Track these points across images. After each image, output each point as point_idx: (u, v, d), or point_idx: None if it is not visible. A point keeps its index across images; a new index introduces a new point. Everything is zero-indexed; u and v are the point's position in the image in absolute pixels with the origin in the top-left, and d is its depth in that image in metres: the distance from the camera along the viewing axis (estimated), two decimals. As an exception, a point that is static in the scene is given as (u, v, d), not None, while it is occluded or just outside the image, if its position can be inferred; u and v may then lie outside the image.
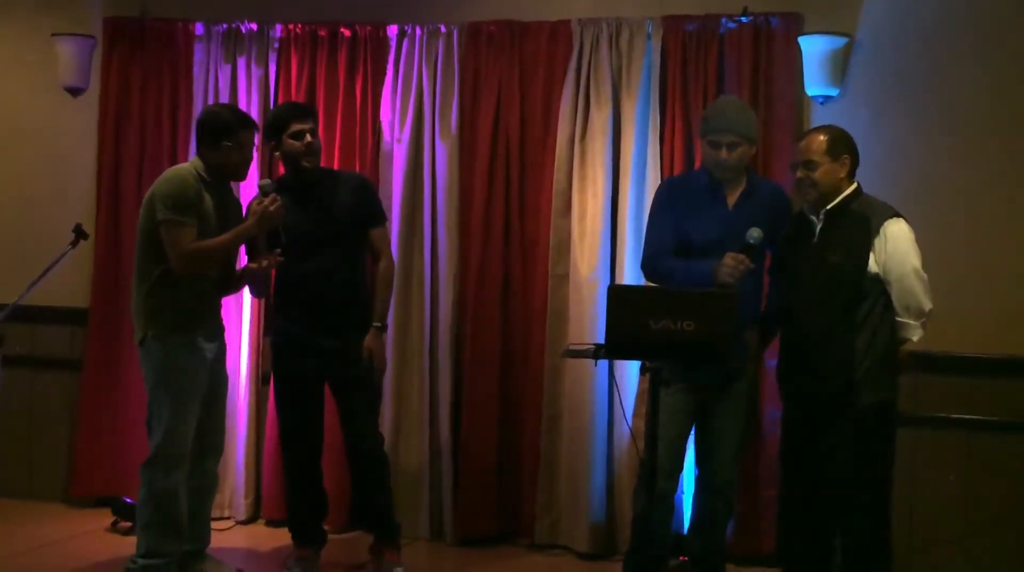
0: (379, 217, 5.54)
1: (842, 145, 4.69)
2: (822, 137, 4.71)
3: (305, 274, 5.32)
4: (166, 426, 5.03)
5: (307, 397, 5.45)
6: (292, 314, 5.39)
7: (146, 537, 5.06)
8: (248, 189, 5.96)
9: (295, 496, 5.55)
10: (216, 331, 5.28)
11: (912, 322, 4.59)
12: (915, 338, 4.62)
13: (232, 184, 5.40)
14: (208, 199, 5.07)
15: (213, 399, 5.24)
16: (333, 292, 5.33)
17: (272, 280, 5.46)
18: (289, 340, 5.40)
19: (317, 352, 5.34)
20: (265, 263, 5.13)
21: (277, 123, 5.35)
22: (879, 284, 4.58)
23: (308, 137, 5.30)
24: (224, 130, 5.08)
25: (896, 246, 4.57)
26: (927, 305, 4.59)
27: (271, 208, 5.06)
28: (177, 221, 4.98)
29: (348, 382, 5.40)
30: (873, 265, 4.57)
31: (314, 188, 5.38)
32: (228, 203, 5.25)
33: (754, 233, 4.66)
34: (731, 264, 4.66)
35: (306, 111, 5.43)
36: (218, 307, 5.32)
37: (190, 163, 5.18)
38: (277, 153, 5.42)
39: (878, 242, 4.57)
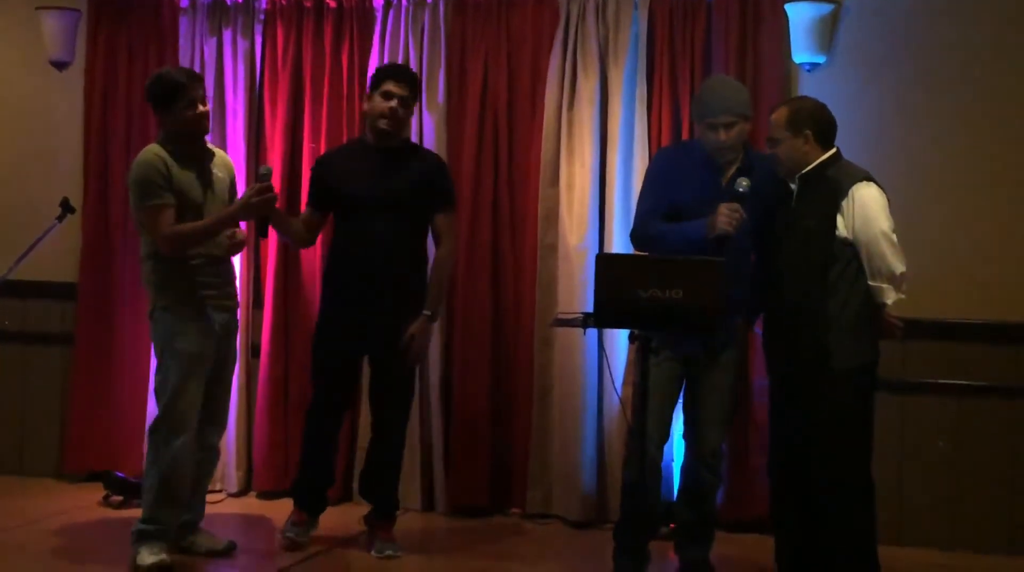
0: (448, 201, 5.45)
1: (803, 119, 4.66)
2: (783, 113, 4.70)
3: (362, 238, 5.27)
4: (171, 393, 5.03)
5: (345, 374, 5.45)
6: (342, 284, 5.33)
7: (147, 502, 5.08)
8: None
9: (307, 466, 5.51)
10: (227, 303, 5.23)
11: (884, 285, 4.59)
12: (889, 301, 4.61)
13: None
14: (181, 171, 5.02)
15: (219, 373, 5.23)
16: (388, 263, 5.27)
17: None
18: (337, 319, 5.36)
19: (364, 334, 5.30)
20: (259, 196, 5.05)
21: (375, 78, 5.34)
22: (850, 248, 4.58)
23: (395, 102, 5.26)
24: (172, 90, 5.01)
25: (864, 210, 4.56)
26: (898, 268, 4.57)
27: (254, 200, 5.03)
28: (149, 206, 4.96)
29: (388, 364, 5.37)
30: (842, 229, 4.57)
31: (388, 153, 5.34)
32: (208, 166, 5.18)
33: (743, 182, 4.68)
34: (726, 213, 4.65)
35: (406, 76, 5.36)
36: (228, 278, 5.26)
37: (156, 143, 5.11)
38: (365, 107, 5.38)
39: (846, 206, 4.57)
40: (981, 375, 5.63)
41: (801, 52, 5.71)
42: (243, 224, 5.32)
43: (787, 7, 5.71)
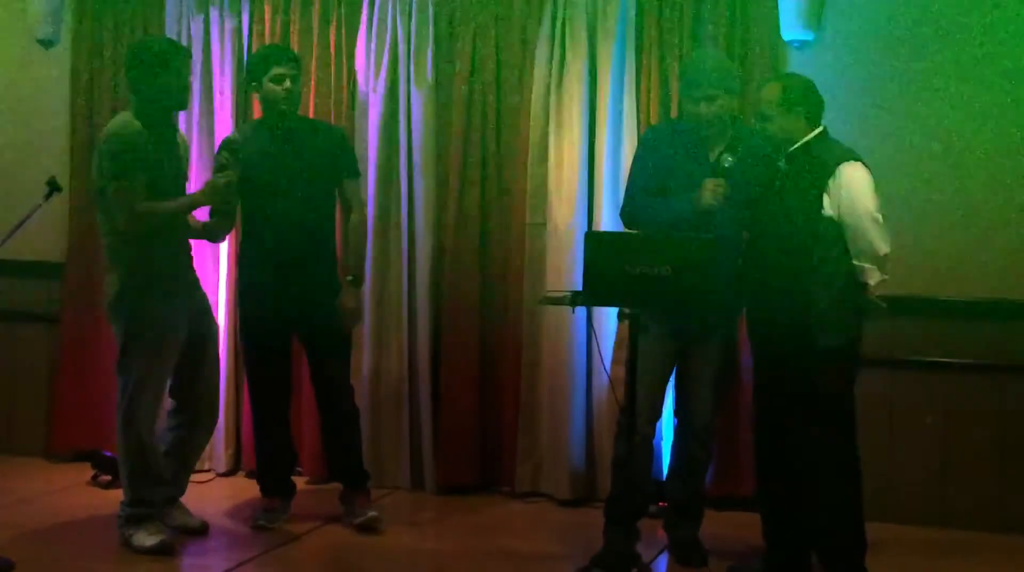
0: (353, 169, 5.50)
1: (796, 97, 4.65)
2: (776, 89, 4.68)
3: (274, 217, 5.29)
4: (137, 377, 5.01)
5: (274, 347, 5.43)
6: (259, 259, 5.36)
7: (129, 486, 5.09)
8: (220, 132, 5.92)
9: (263, 447, 5.56)
10: (191, 283, 5.25)
11: (868, 266, 4.58)
12: (872, 282, 4.59)
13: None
14: (152, 145, 5.00)
15: (202, 351, 5.23)
16: (301, 238, 5.29)
17: (238, 226, 5.50)
18: (256, 288, 5.38)
19: (285, 301, 5.31)
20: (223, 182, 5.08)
21: (259, 65, 5.30)
22: (835, 227, 4.57)
23: (288, 83, 5.25)
24: (160, 58, 5.00)
25: (850, 189, 4.55)
26: (883, 249, 4.56)
27: (220, 183, 5.05)
28: (123, 180, 4.93)
29: (317, 334, 5.39)
30: (828, 207, 4.57)
31: (290, 134, 5.34)
32: (172, 142, 5.18)
33: (728, 158, 4.70)
34: (711, 188, 4.67)
35: (289, 55, 5.37)
36: (189, 259, 5.28)
37: (129, 111, 5.08)
38: (256, 95, 5.37)
39: (832, 185, 4.56)
40: (969, 353, 5.63)
41: (790, 29, 5.69)
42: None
43: (776, -17, 5.70)
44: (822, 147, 4.66)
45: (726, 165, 4.70)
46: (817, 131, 4.68)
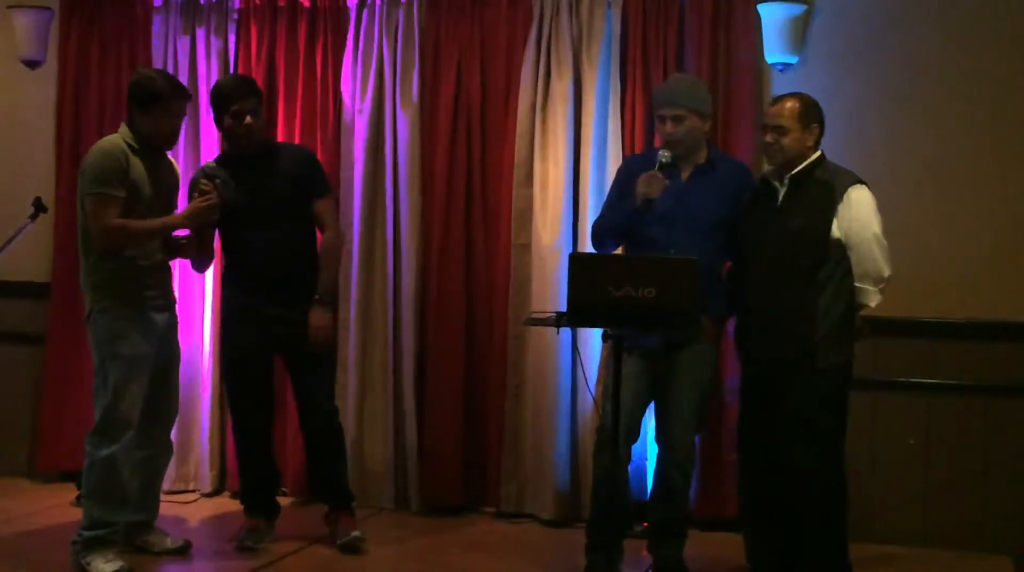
0: (323, 188, 5.49)
1: (813, 114, 4.74)
2: (796, 104, 4.75)
3: (250, 245, 5.31)
4: (110, 396, 5.01)
5: (255, 368, 5.43)
6: (239, 285, 5.39)
7: (90, 507, 5.04)
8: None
9: (246, 467, 5.55)
10: (166, 302, 5.24)
11: (870, 288, 4.64)
12: (872, 304, 4.66)
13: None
14: (138, 167, 5.02)
15: (165, 370, 5.22)
16: (279, 262, 5.31)
17: (216, 253, 5.49)
18: (236, 310, 5.40)
19: (265, 323, 5.32)
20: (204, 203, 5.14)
21: (219, 100, 5.31)
22: (840, 249, 4.63)
23: (248, 119, 5.25)
24: (157, 96, 5.03)
25: (858, 212, 4.63)
26: (886, 271, 4.64)
27: (202, 206, 5.09)
28: (101, 194, 4.94)
29: (299, 355, 5.39)
30: (835, 230, 4.63)
31: (256, 161, 5.35)
32: (161, 169, 5.19)
33: (665, 154, 4.80)
34: (644, 179, 4.77)
35: (247, 90, 5.33)
36: (167, 279, 5.28)
37: (118, 133, 5.11)
38: (221, 128, 5.39)
39: (842, 207, 4.63)
40: (952, 374, 5.66)
41: (773, 52, 5.73)
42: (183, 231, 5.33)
43: (759, 8, 5.73)
44: (823, 170, 4.72)
45: (663, 160, 4.79)
46: (817, 155, 4.75)
